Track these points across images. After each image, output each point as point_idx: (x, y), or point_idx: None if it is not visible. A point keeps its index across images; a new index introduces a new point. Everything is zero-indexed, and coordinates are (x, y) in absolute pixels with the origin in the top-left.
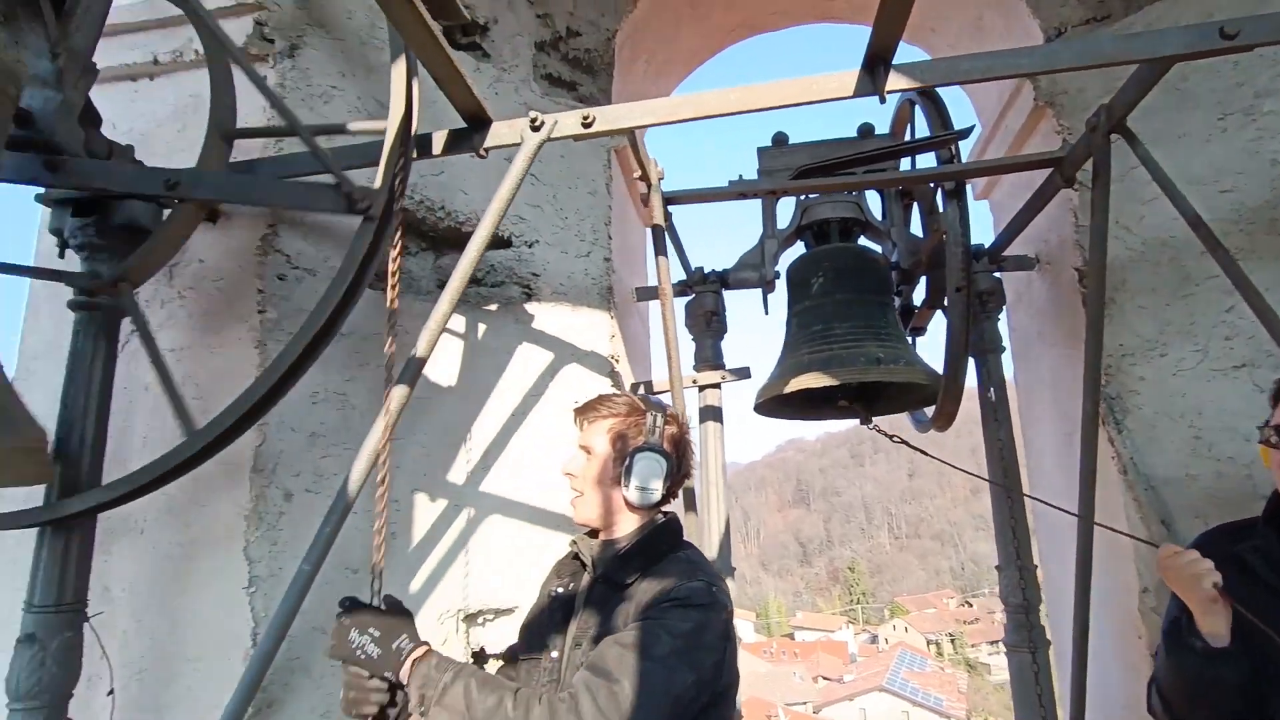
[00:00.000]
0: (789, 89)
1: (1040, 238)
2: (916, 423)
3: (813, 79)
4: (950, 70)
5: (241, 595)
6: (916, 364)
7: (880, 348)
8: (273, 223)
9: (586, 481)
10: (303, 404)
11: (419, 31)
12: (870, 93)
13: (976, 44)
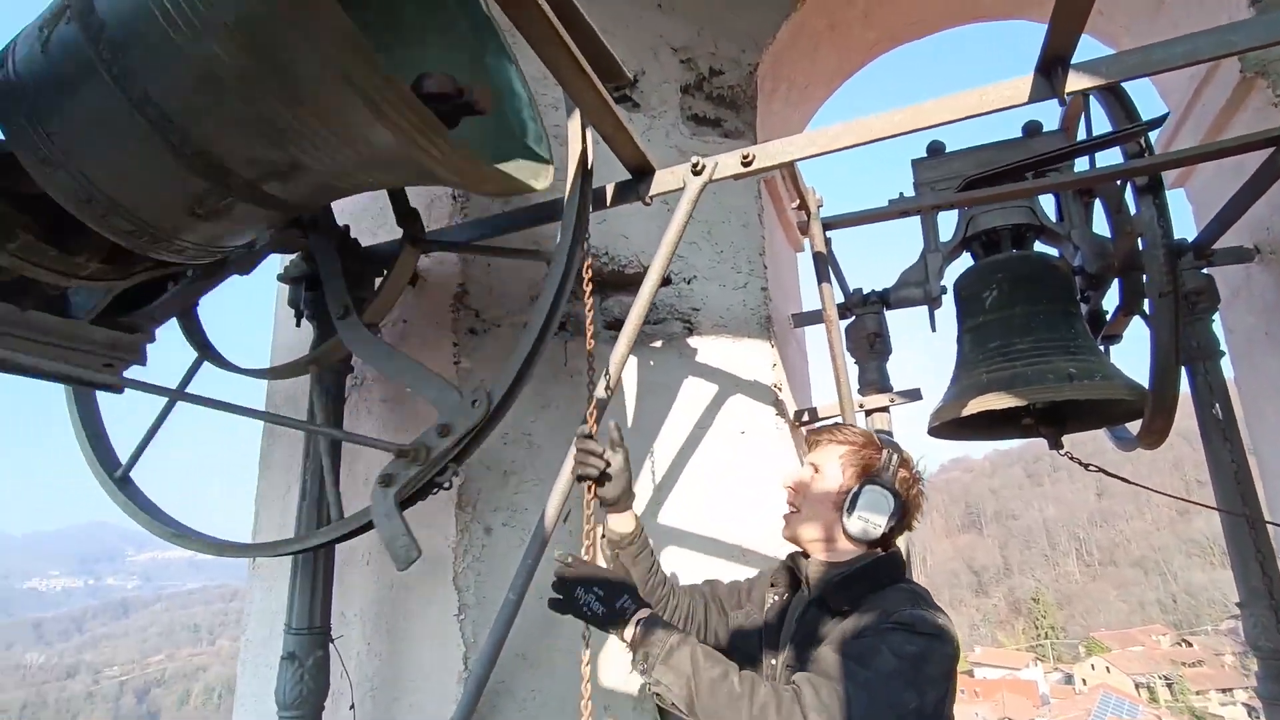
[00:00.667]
0: (957, 103)
1: (1260, 225)
2: (1117, 439)
3: (982, 90)
4: (1143, 62)
5: (453, 621)
6: (1115, 377)
7: (1071, 362)
8: (462, 282)
9: (807, 499)
10: (495, 444)
11: (591, 96)
12: (1047, 97)
13: (1153, 25)
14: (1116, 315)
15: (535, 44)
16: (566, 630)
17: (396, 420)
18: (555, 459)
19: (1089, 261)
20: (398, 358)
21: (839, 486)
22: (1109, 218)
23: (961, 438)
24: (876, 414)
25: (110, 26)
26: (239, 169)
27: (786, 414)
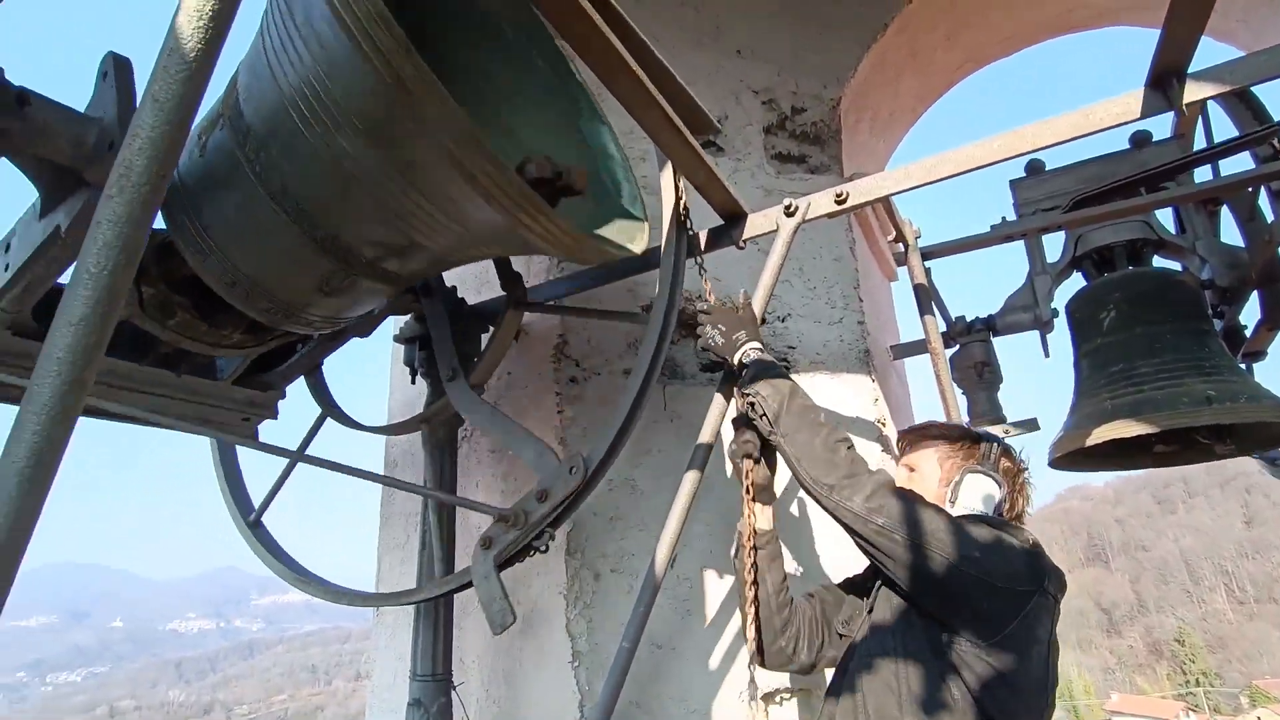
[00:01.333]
0: (1061, 125)
1: None
2: (1271, 465)
3: (1087, 110)
4: (1272, 63)
5: (567, 669)
6: (1264, 398)
7: (1208, 384)
8: (562, 334)
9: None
10: (601, 490)
11: (684, 151)
12: (1162, 110)
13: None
14: (1258, 330)
15: (627, 104)
16: (678, 679)
17: (505, 468)
18: (659, 505)
19: (1220, 274)
20: (500, 420)
21: (940, 479)
22: (1240, 226)
23: (1087, 468)
24: None
25: (255, 129)
26: (362, 250)
27: (892, 449)
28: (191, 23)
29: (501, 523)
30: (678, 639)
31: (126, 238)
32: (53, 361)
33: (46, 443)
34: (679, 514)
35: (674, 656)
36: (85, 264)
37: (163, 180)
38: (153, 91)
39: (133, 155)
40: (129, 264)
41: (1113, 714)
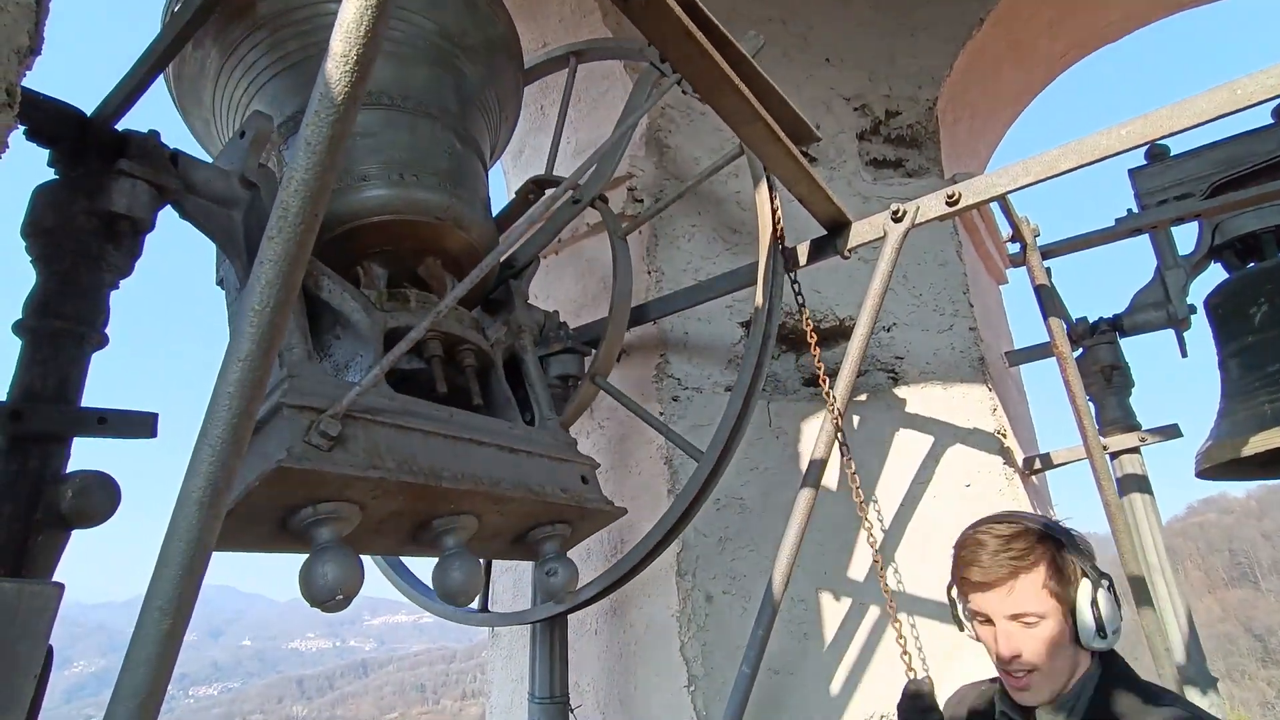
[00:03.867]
0: (1201, 105)
1: None
2: None
3: (1234, 84)
4: None
5: (683, 694)
6: None
7: None
8: (664, 352)
9: (1043, 656)
10: (709, 510)
11: (787, 163)
12: None
13: None
14: None
15: (731, 120)
16: (798, 704)
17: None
18: (767, 523)
19: None
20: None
21: (1062, 616)
22: None
23: (1239, 478)
24: (1125, 455)
25: None
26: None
27: (1015, 462)
28: (339, 68)
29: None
30: (795, 663)
31: (286, 275)
32: (224, 397)
33: (221, 471)
34: (795, 533)
35: (793, 681)
36: (249, 302)
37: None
38: (305, 136)
39: (289, 197)
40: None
41: None
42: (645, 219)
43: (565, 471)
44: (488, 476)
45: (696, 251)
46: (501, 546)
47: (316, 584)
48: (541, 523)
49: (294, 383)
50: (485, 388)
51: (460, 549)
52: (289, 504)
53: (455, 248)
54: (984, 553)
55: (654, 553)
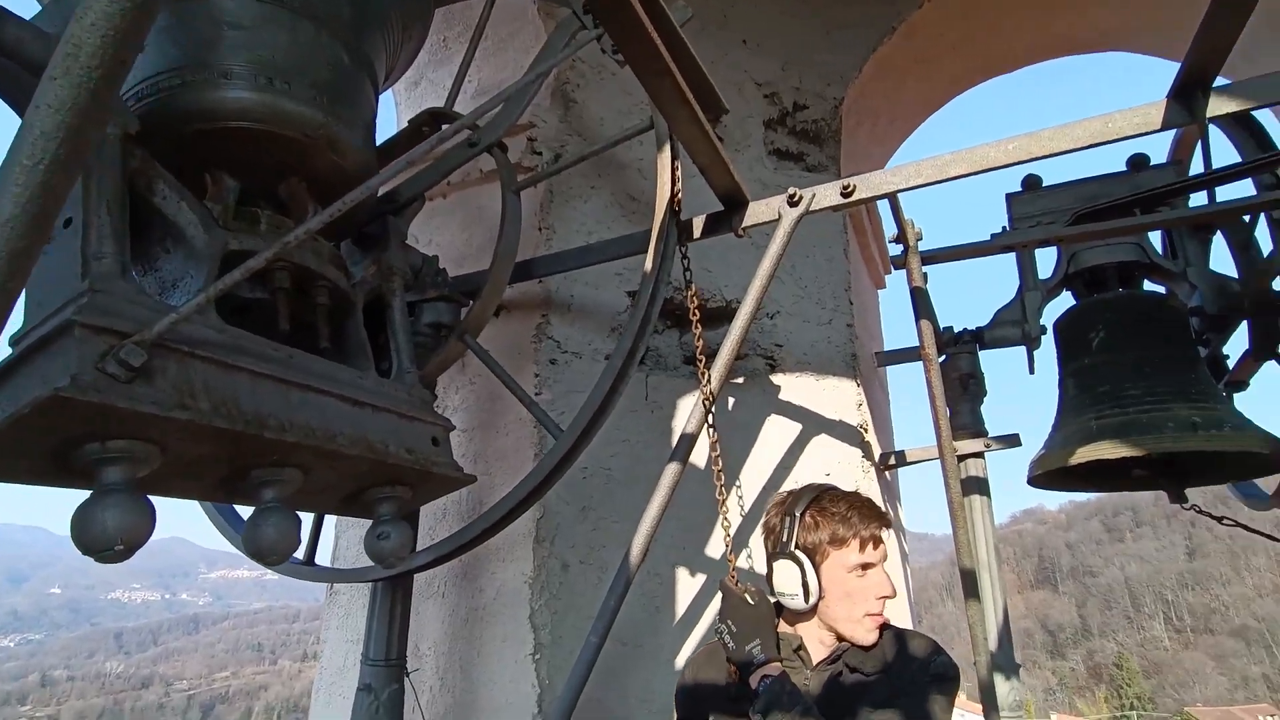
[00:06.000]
0: (1078, 132)
1: None
2: (1246, 497)
3: (1107, 117)
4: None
5: (527, 661)
6: (1247, 428)
7: (1193, 410)
8: (546, 313)
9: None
10: (575, 479)
11: (691, 127)
12: (1184, 123)
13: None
14: (1244, 360)
15: (640, 70)
16: (641, 676)
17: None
18: (633, 496)
19: (1209, 302)
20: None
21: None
22: (1235, 255)
23: (1064, 488)
24: (970, 459)
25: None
26: None
27: (873, 456)
28: None
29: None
30: (644, 636)
31: (71, 130)
32: None
33: None
34: (657, 506)
35: (640, 654)
36: (18, 156)
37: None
38: None
39: (83, 32)
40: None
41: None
42: (543, 176)
43: (414, 431)
44: (322, 429)
45: (592, 214)
46: (332, 503)
47: (93, 530)
48: (380, 483)
49: (95, 298)
50: (340, 331)
51: (278, 504)
52: (70, 437)
53: (325, 172)
54: (860, 512)
55: (501, 524)
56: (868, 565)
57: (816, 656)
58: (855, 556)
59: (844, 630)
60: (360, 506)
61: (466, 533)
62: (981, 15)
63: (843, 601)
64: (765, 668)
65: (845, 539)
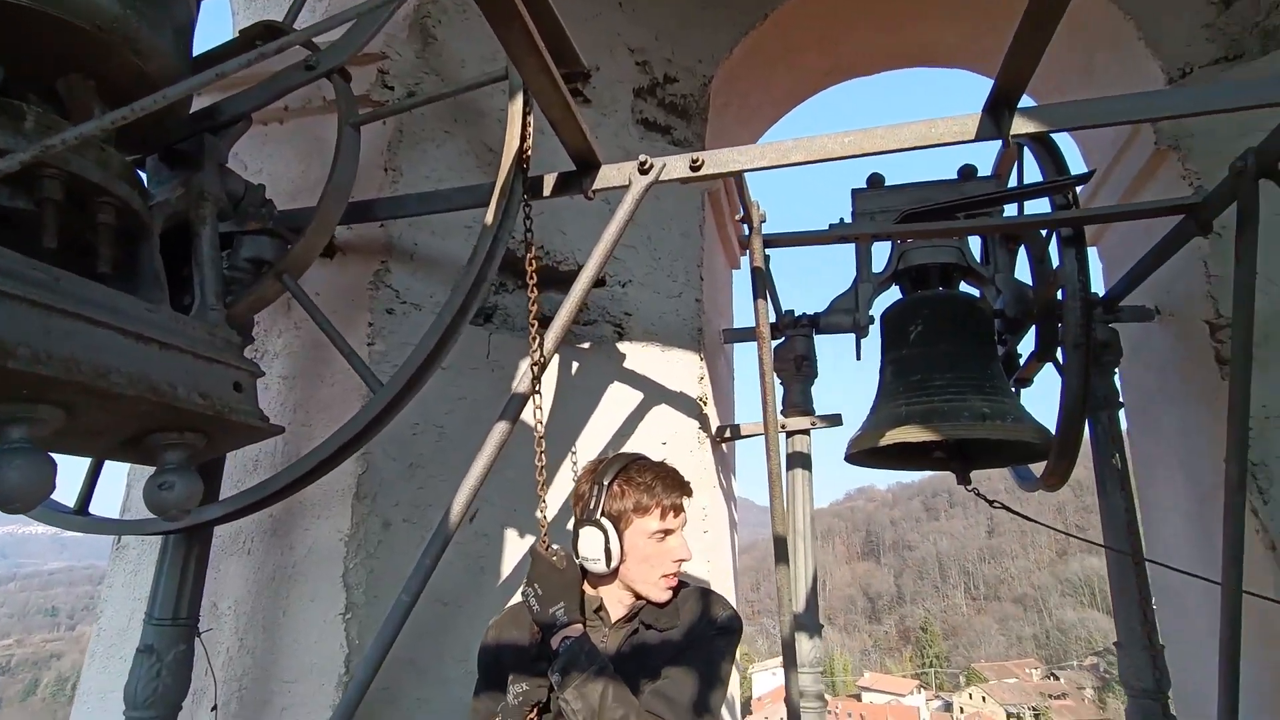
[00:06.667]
0: (906, 133)
1: (1162, 288)
2: (1020, 480)
3: (931, 122)
4: (1083, 113)
5: (338, 621)
6: (1025, 420)
7: (985, 402)
8: (385, 259)
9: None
10: (403, 434)
11: (540, 75)
12: (993, 137)
13: (1086, 86)
14: (1030, 361)
15: (491, 17)
16: (461, 637)
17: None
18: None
19: (1009, 306)
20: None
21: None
22: (1032, 266)
23: (876, 466)
24: (797, 435)
25: None
26: None
27: (710, 429)
28: None
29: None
30: (467, 596)
31: None
32: None
33: None
34: (482, 465)
35: (460, 615)
36: None
37: None
38: None
39: None
40: None
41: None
42: (389, 112)
43: (212, 374)
44: (90, 364)
45: (444, 160)
46: (108, 447)
47: None
48: (166, 428)
49: None
50: (131, 257)
51: (27, 445)
52: None
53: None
54: (664, 482)
55: (307, 479)
56: (668, 531)
57: (615, 615)
58: (656, 523)
59: (641, 590)
60: (143, 452)
61: (268, 486)
62: (841, 17)
63: (641, 564)
64: (567, 629)
65: (648, 507)
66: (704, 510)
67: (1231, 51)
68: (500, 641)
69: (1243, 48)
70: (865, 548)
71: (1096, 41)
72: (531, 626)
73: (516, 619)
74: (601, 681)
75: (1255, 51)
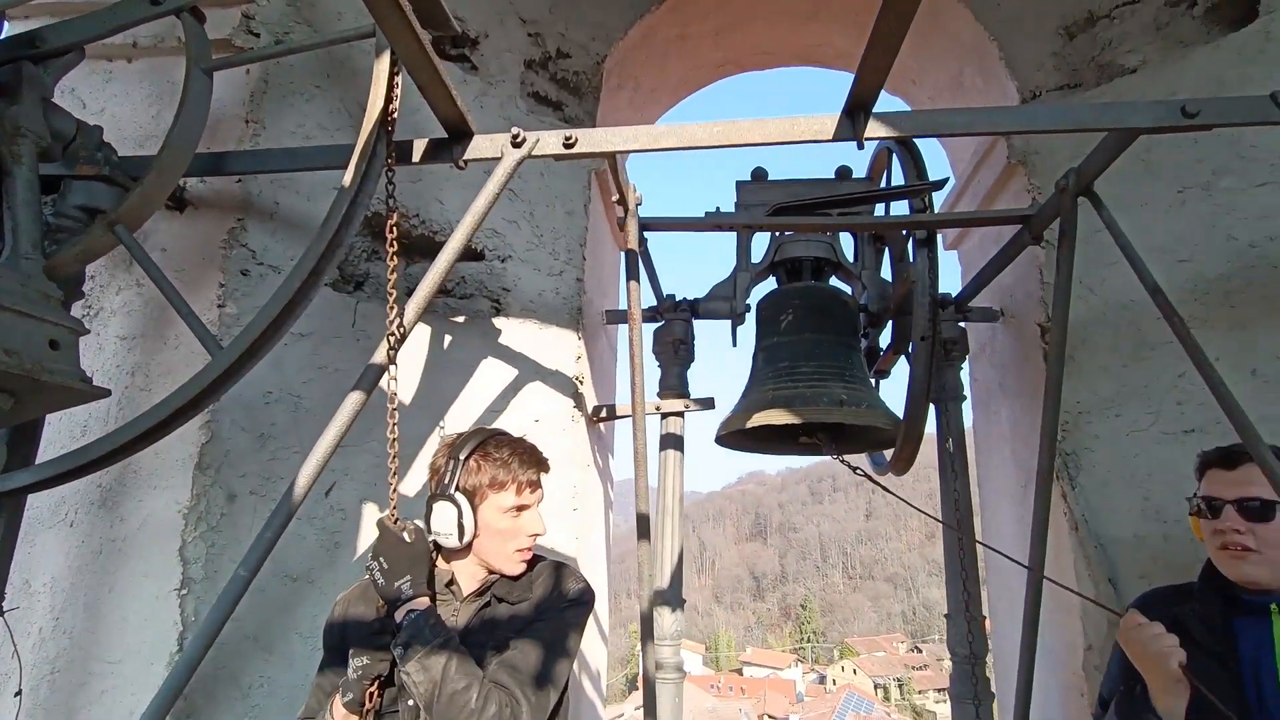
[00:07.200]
0: (770, 128)
1: (1006, 292)
2: (875, 465)
3: (794, 120)
4: (928, 123)
5: (172, 597)
6: (878, 407)
7: (844, 389)
8: (242, 217)
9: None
10: (256, 403)
11: (404, 35)
12: (849, 138)
13: (955, 99)
14: (887, 353)
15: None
16: (311, 614)
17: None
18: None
19: (873, 301)
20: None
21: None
22: (892, 264)
23: (745, 449)
24: (671, 418)
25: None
26: None
27: (585, 408)
28: None
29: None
30: (319, 572)
31: None
32: None
33: None
34: (333, 435)
35: (312, 590)
36: None
37: None
38: None
39: None
40: None
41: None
42: (247, 60)
43: (22, 329)
44: None
45: (314, 117)
46: None
47: None
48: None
49: None
50: None
51: None
52: None
53: None
54: (521, 458)
55: (131, 447)
56: (523, 507)
57: (467, 589)
58: (512, 499)
59: (494, 563)
60: None
61: (88, 452)
62: (736, 11)
63: (495, 538)
64: (413, 602)
65: (504, 483)
66: (575, 488)
67: (1073, 80)
68: (346, 616)
69: (1082, 78)
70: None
71: (965, 58)
72: (379, 601)
73: (365, 594)
74: (445, 654)
75: (1091, 83)
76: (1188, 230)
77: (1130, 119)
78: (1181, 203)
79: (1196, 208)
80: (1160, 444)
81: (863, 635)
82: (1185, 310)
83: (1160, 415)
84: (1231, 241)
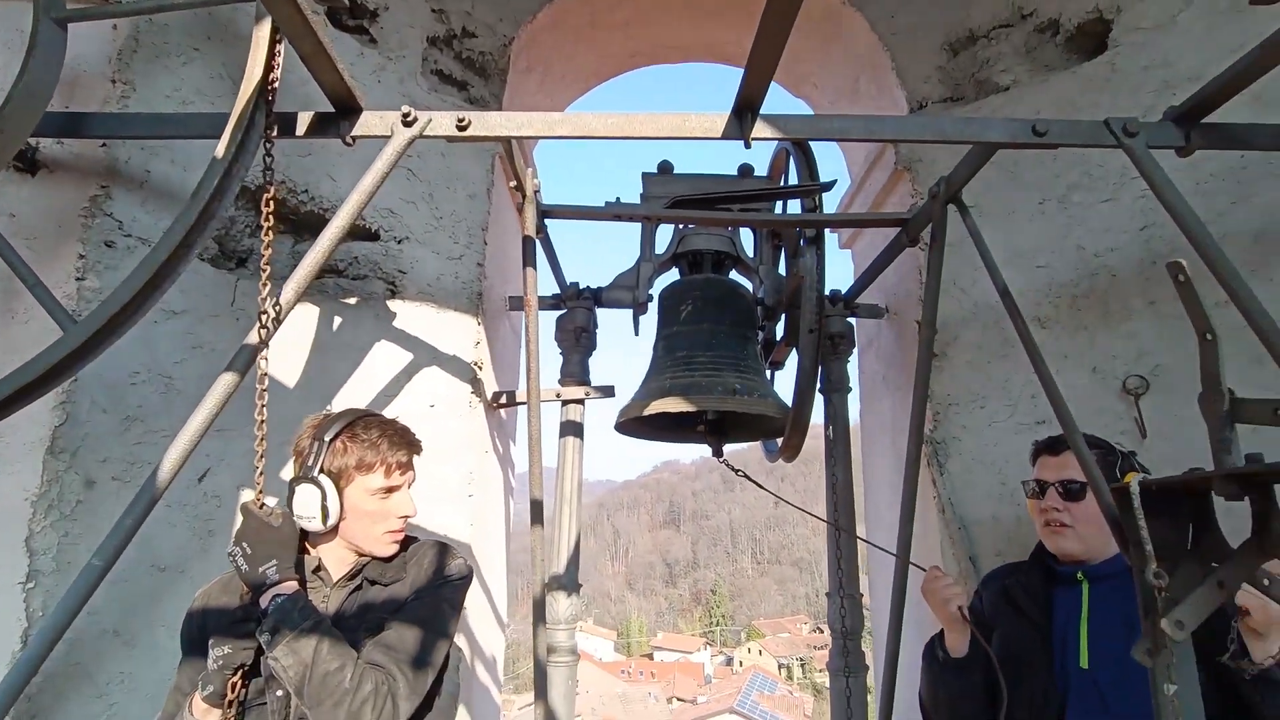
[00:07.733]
0: (663, 122)
1: (890, 290)
2: (768, 452)
3: (686, 116)
4: (812, 126)
5: (16, 591)
6: (770, 397)
7: (738, 379)
8: (106, 184)
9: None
10: (120, 384)
11: (284, 2)
12: (737, 137)
13: (852, 105)
14: (780, 345)
15: None
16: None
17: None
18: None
19: (769, 295)
20: None
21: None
22: (787, 260)
23: (643, 436)
24: (571, 405)
25: None
26: None
27: (483, 393)
28: None
29: None
30: (190, 561)
31: None
32: None
33: None
34: (202, 418)
35: (182, 581)
36: None
37: None
38: None
39: None
40: None
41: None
42: (108, 14)
43: None
44: None
45: (191, 82)
46: None
47: None
48: None
49: None
50: None
51: None
52: None
53: None
54: (390, 439)
55: None
56: (392, 488)
57: (337, 574)
58: (380, 481)
59: (364, 546)
60: None
61: None
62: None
63: (363, 520)
64: (279, 587)
65: (372, 464)
66: (471, 474)
67: (955, 94)
68: (206, 607)
69: (964, 92)
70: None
71: (862, 67)
72: (243, 590)
73: (227, 586)
74: (315, 636)
75: (971, 97)
76: (1045, 238)
77: (987, 134)
78: (1041, 213)
79: (1054, 218)
80: (1017, 434)
81: (769, 618)
82: (1041, 312)
83: (1017, 408)
84: (1080, 250)
